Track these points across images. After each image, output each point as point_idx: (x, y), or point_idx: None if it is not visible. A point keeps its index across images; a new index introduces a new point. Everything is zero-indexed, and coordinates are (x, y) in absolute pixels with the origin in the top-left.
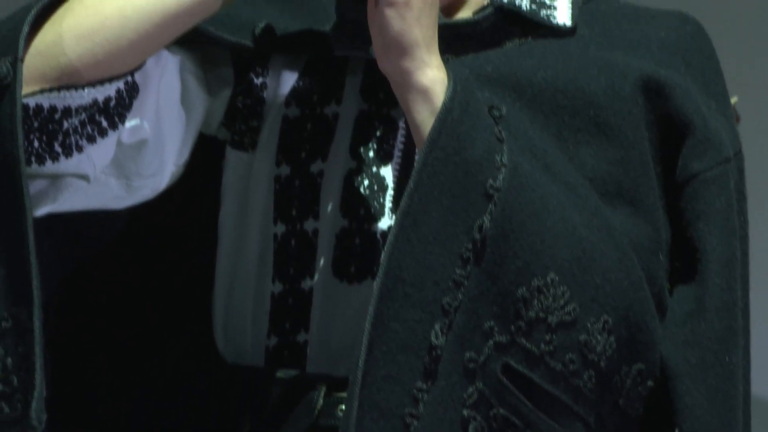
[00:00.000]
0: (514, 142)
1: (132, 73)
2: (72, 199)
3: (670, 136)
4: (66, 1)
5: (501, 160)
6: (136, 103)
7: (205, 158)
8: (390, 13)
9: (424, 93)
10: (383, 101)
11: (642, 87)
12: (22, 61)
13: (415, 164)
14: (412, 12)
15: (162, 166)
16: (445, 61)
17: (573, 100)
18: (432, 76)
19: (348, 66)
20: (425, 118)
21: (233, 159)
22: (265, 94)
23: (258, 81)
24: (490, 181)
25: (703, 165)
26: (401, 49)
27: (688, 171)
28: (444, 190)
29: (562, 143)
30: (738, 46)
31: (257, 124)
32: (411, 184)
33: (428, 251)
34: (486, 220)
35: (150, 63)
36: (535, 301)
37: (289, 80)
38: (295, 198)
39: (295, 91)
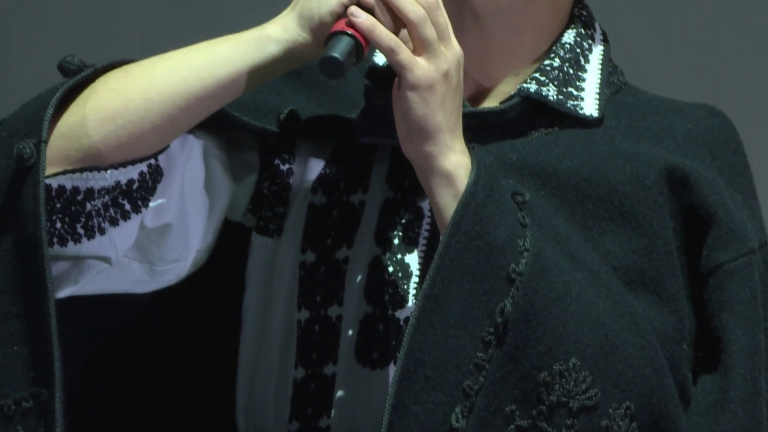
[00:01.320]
0: (537, 228)
1: (156, 157)
2: (94, 282)
3: (695, 227)
4: (91, 83)
5: (523, 244)
6: (160, 187)
7: (229, 243)
8: (413, 97)
9: (448, 177)
10: (409, 189)
11: (667, 177)
12: (46, 143)
13: (438, 247)
14: (435, 96)
15: (185, 252)
16: (471, 149)
17: (598, 188)
18: (455, 160)
19: (375, 153)
20: (448, 203)
21: (258, 244)
22: (291, 181)
23: (284, 167)
24: (513, 265)
25: (727, 256)
26: (424, 133)
27: (712, 262)
28: (466, 273)
29: (587, 231)
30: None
31: (283, 211)
32: (433, 267)
33: (450, 334)
34: (508, 304)
35: (175, 147)
36: (557, 386)
37: (315, 167)
38: (319, 284)
39: (321, 178)
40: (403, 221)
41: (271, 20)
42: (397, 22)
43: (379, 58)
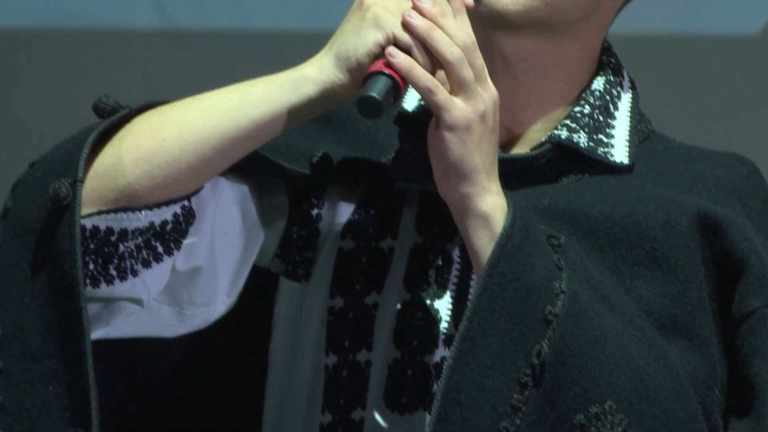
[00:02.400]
0: (571, 271)
1: (189, 199)
2: (124, 325)
3: (727, 273)
4: (126, 123)
5: (560, 286)
6: (191, 230)
7: (257, 287)
8: (450, 138)
9: (485, 219)
10: (438, 235)
11: (698, 222)
12: (81, 182)
13: (475, 289)
14: (472, 137)
15: (214, 296)
16: (514, 196)
17: (630, 233)
18: (492, 202)
19: (404, 199)
20: (485, 244)
21: (286, 289)
22: (320, 226)
23: (314, 212)
24: (549, 307)
25: (759, 302)
26: (462, 174)
27: (744, 308)
28: (503, 314)
29: (619, 276)
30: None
31: (312, 256)
32: (470, 308)
33: (486, 375)
34: (545, 346)
35: (206, 190)
36: (593, 428)
37: (345, 212)
38: (348, 330)
39: (350, 224)
40: (432, 267)
41: (307, 61)
42: (434, 62)
43: (408, 104)
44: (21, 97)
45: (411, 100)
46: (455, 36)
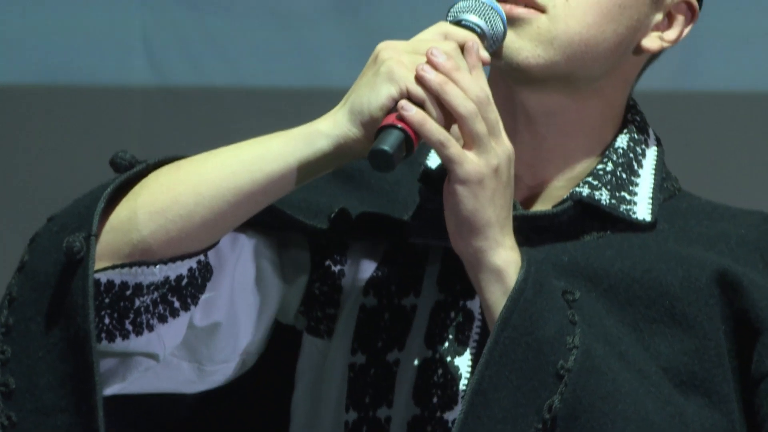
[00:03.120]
0: (587, 327)
1: (205, 254)
2: (142, 380)
3: (746, 332)
4: (142, 178)
5: (573, 341)
6: (209, 285)
7: (279, 342)
8: (462, 192)
9: (498, 273)
10: (460, 292)
11: (718, 280)
12: (95, 236)
13: (487, 343)
14: (485, 191)
15: (234, 352)
16: (530, 252)
17: (649, 290)
18: (505, 256)
19: (427, 256)
20: (498, 299)
21: (308, 345)
22: (342, 282)
23: (336, 269)
24: (561, 361)
25: None
26: (474, 228)
27: (763, 368)
28: (515, 369)
29: (638, 333)
30: None
31: (334, 312)
32: (482, 362)
33: (498, 429)
34: (556, 401)
35: (226, 246)
36: None
37: (367, 269)
38: (369, 386)
39: (373, 281)
40: (454, 324)
41: (323, 116)
42: (448, 116)
43: (432, 161)
44: (17, 153)
45: (435, 158)
46: (469, 90)
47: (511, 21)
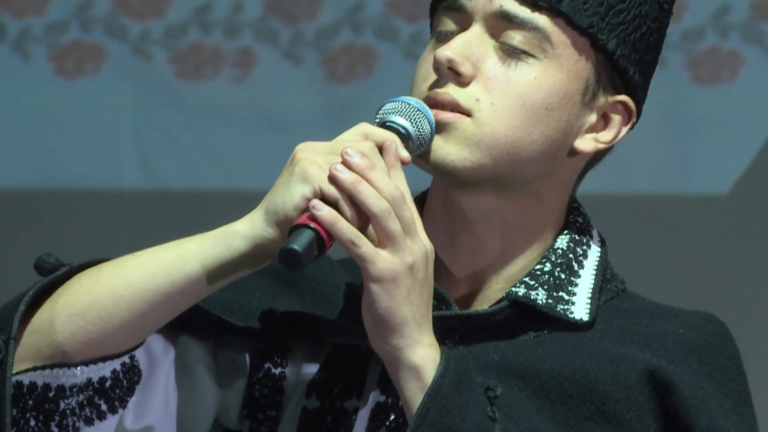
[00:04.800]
0: (512, 424)
1: (132, 356)
2: None
3: (677, 430)
4: (65, 281)
5: None
6: (138, 388)
7: None
8: (377, 290)
9: (415, 371)
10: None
11: (648, 378)
12: (15, 339)
13: None
14: (399, 289)
15: None
16: (449, 348)
17: (580, 388)
18: (423, 354)
19: (371, 356)
20: (415, 395)
21: None
22: (284, 384)
23: (276, 371)
24: None
25: None
26: (390, 326)
27: None
28: None
29: (568, 431)
30: None
31: (276, 414)
32: None
33: None
34: None
35: (158, 350)
36: None
37: (309, 371)
38: None
39: (315, 383)
40: (387, 426)
41: (242, 218)
42: (363, 215)
43: None
44: (9, 257)
45: None
46: (383, 189)
47: (438, 127)
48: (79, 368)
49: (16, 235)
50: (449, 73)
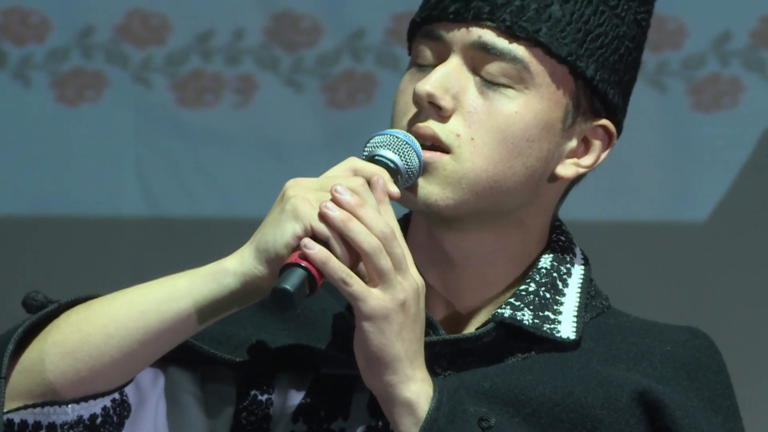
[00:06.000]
0: None
1: (121, 392)
2: None
3: None
4: (52, 320)
5: None
6: (128, 423)
7: None
8: (368, 327)
9: (409, 406)
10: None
11: (639, 399)
12: (5, 379)
13: None
14: (391, 326)
15: None
16: (441, 378)
17: (571, 413)
18: (416, 389)
19: (354, 383)
20: (410, 429)
21: None
22: (271, 411)
23: (263, 398)
24: None
25: None
26: (383, 363)
27: None
28: None
29: None
30: None
31: None
32: None
33: None
34: None
35: (147, 383)
36: None
37: (296, 397)
38: None
39: (302, 408)
40: None
41: (232, 254)
42: (354, 252)
43: None
44: (10, 285)
45: None
46: (373, 226)
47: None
48: (70, 406)
49: (17, 262)
50: (429, 107)
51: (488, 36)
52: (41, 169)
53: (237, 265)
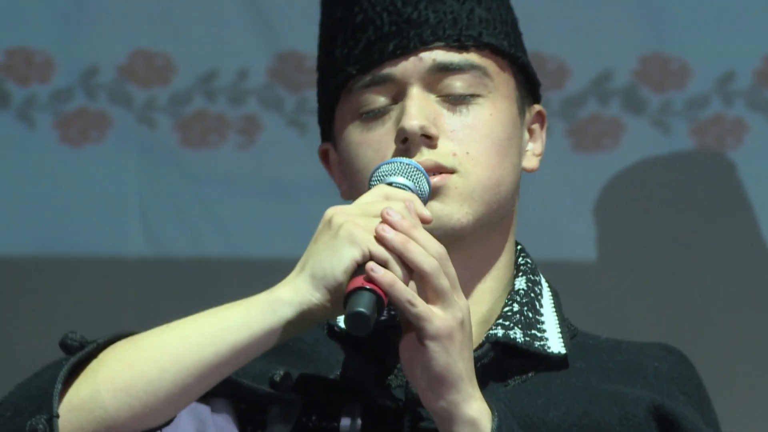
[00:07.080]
0: None
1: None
2: None
3: None
4: (95, 356)
5: None
6: None
7: None
8: (434, 347)
9: (473, 425)
10: None
11: (653, 414)
12: (57, 417)
13: None
14: (454, 345)
15: None
16: (495, 401)
17: None
18: (477, 407)
19: (350, 410)
20: None
21: None
22: None
23: None
24: None
25: None
26: (447, 382)
27: None
28: None
29: None
30: None
31: None
32: None
33: None
34: None
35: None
36: None
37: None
38: None
39: None
40: None
41: (280, 283)
42: (407, 274)
43: (339, 320)
44: (12, 326)
45: (340, 318)
46: (429, 246)
47: (431, 192)
48: None
49: (20, 302)
50: (422, 140)
51: (441, 56)
52: (44, 210)
53: (292, 295)
